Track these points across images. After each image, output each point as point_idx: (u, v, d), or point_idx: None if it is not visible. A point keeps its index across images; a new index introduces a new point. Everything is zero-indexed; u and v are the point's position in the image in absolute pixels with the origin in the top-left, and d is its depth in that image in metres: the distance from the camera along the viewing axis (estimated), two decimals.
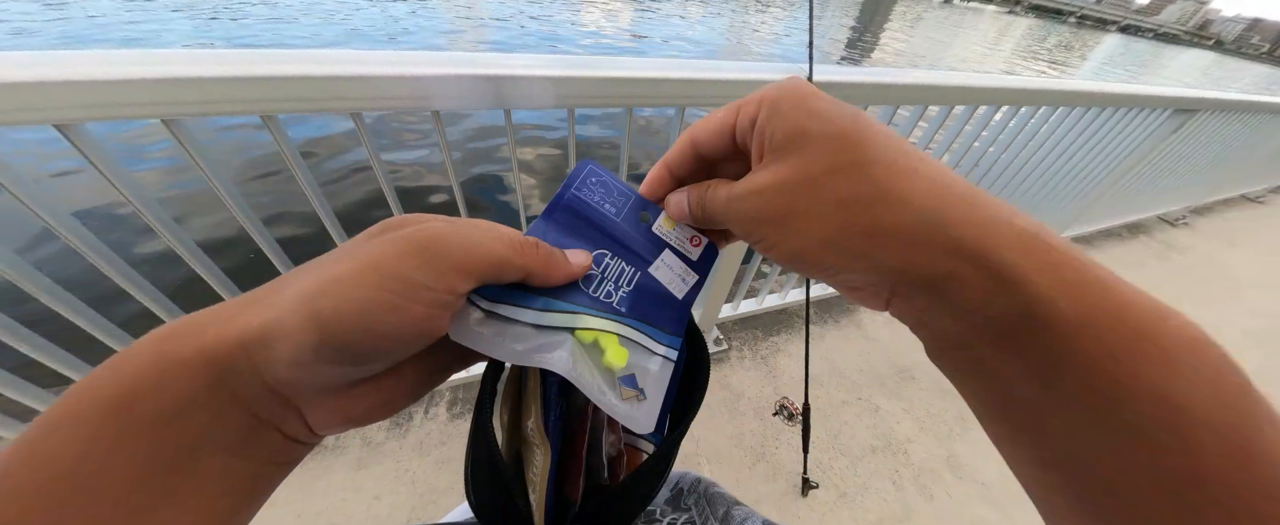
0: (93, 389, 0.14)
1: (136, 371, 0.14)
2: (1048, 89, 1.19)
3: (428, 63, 0.55)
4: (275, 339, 0.15)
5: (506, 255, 0.18)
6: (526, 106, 0.61)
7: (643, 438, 0.26)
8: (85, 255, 0.58)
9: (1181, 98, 1.55)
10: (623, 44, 7.79)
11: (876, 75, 0.88)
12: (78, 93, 0.44)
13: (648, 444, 0.26)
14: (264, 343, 0.15)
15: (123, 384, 0.14)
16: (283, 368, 0.15)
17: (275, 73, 0.49)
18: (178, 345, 0.15)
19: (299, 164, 0.62)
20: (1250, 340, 1.90)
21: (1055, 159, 1.50)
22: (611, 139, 3.43)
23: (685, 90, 0.69)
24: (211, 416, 0.15)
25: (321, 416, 0.17)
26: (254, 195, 2.28)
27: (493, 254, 0.18)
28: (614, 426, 0.26)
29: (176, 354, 0.15)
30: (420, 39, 6.11)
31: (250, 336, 0.15)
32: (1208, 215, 3.09)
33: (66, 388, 0.15)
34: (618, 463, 0.25)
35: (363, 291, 0.15)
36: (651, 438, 0.25)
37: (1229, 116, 1.95)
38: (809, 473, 1.09)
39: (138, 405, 0.14)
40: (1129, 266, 2.30)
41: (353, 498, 0.95)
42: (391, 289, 0.16)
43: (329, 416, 0.18)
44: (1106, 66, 27.63)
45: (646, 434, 0.23)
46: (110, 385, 0.14)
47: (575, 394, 0.24)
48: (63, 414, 0.14)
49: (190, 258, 0.65)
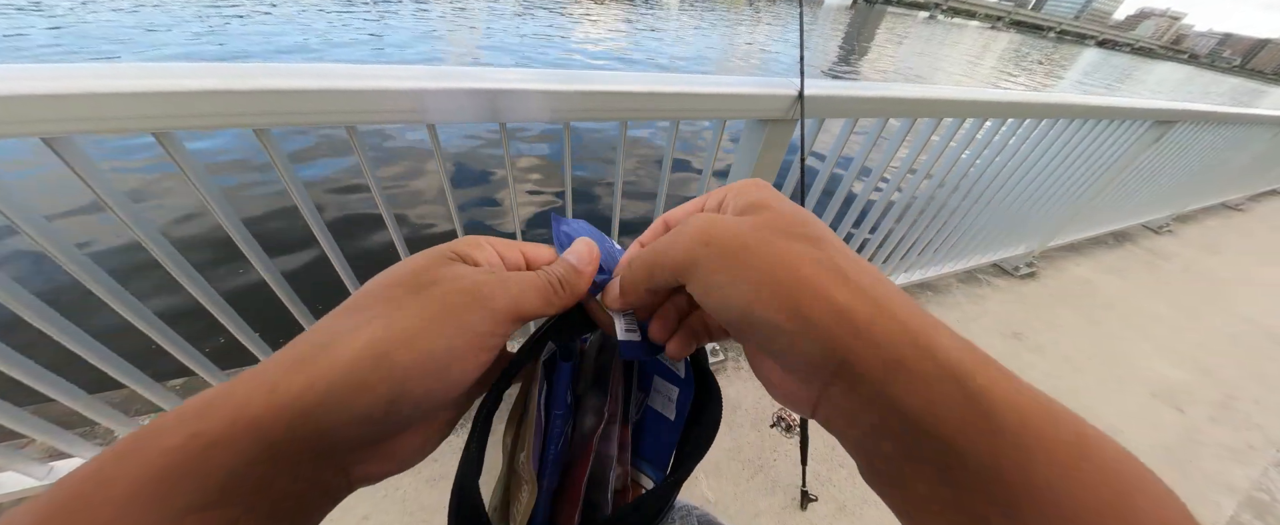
0: (119, 472, 0.13)
1: (166, 451, 0.13)
2: (1032, 102, 1.22)
3: (423, 77, 0.55)
4: (346, 397, 0.15)
5: (540, 307, 0.20)
6: (521, 120, 0.62)
7: (647, 474, 0.26)
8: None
9: (1161, 109, 1.59)
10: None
11: (866, 89, 0.90)
12: (68, 106, 0.44)
13: (649, 481, 0.26)
14: (329, 406, 0.15)
15: (148, 464, 0.13)
16: (349, 425, 0.15)
17: (272, 86, 0.49)
18: (216, 422, 0.14)
19: (295, 184, 0.61)
20: (1237, 345, 1.93)
21: (1041, 169, 1.54)
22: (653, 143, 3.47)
23: (679, 104, 0.70)
24: (254, 488, 0.14)
25: (367, 468, 0.17)
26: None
27: (531, 305, 0.20)
28: (622, 458, 0.25)
29: (216, 431, 0.14)
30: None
31: (311, 400, 0.15)
32: (1190, 223, 3.16)
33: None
34: (623, 496, 0.25)
35: (438, 342, 0.16)
36: (653, 474, 0.26)
37: (1206, 127, 2.01)
38: (808, 485, 1.08)
39: (175, 497, 0.13)
40: (1118, 273, 2.34)
41: (341, 517, 0.92)
42: (463, 339, 0.17)
43: (376, 466, 0.17)
44: (1087, 79, 28.46)
45: (648, 469, 0.24)
46: (139, 468, 0.13)
47: (584, 418, 0.24)
48: (84, 497, 0.12)
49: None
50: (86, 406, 0.72)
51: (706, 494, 1.07)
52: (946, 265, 1.80)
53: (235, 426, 0.14)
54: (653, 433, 0.26)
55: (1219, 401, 1.61)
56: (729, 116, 0.78)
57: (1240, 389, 1.68)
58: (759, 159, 0.87)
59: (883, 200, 1.29)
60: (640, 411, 0.26)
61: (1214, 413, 1.55)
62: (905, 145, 1.14)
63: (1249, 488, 1.31)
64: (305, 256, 2.03)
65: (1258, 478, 1.34)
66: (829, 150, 1.06)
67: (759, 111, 0.79)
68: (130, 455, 0.13)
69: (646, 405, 0.26)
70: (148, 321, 0.67)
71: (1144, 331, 1.92)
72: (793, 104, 0.79)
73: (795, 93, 0.78)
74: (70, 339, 0.63)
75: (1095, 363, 1.69)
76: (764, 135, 0.84)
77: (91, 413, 0.73)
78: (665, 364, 0.26)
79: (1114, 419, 1.47)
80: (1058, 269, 2.26)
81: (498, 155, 0.73)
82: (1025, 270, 2.11)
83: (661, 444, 0.25)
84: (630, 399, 0.26)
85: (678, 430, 0.25)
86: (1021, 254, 2.08)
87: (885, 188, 1.27)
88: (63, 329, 0.61)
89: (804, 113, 0.80)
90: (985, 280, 2.04)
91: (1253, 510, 1.24)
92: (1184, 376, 1.70)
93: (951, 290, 1.94)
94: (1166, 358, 1.78)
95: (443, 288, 0.18)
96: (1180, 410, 1.54)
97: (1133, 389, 1.60)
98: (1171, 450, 1.39)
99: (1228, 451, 1.42)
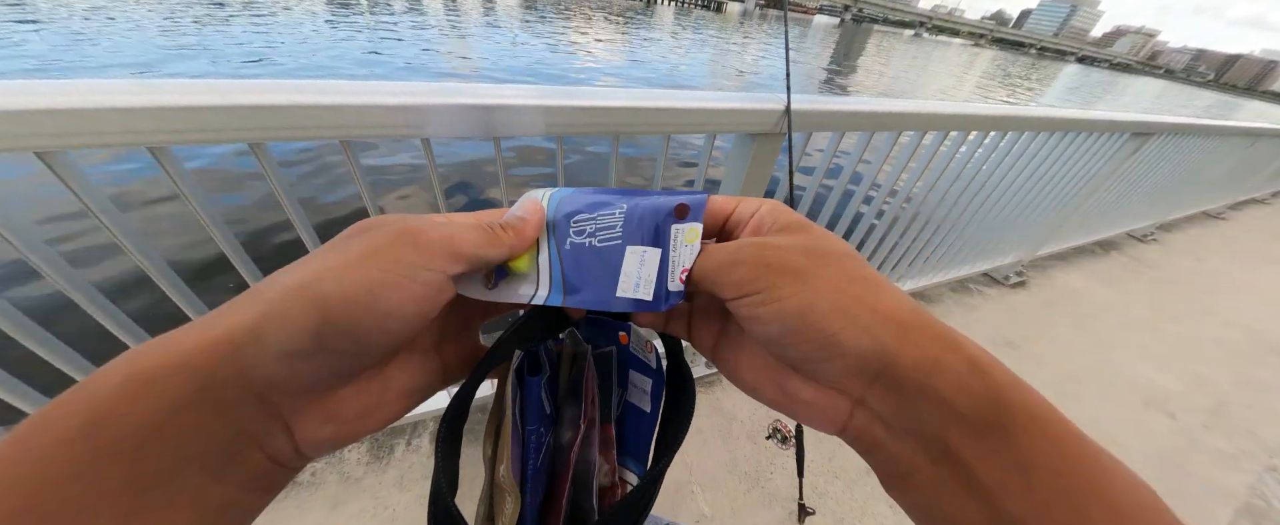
0: (58, 415, 0.13)
1: (107, 392, 0.13)
2: (1015, 115, 1.25)
3: (420, 92, 0.56)
4: (271, 329, 0.15)
5: (481, 244, 0.20)
6: (516, 135, 0.63)
7: (631, 469, 0.26)
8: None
9: (1138, 122, 1.65)
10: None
11: (852, 104, 0.93)
12: (62, 121, 0.44)
13: (634, 477, 0.26)
14: (256, 336, 0.15)
15: (93, 406, 0.13)
16: (277, 360, 0.15)
17: (272, 102, 0.50)
18: (151, 359, 0.14)
19: (290, 200, 0.62)
20: (1226, 351, 1.95)
21: (1026, 180, 1.57)
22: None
23: (671, 119, 0.72)
24: (191, 432, 0.14)
25: (309, 425, 0.17)
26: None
27: (469, 242, 0.20)
28: (608, 455, 0.25)
29: (150, 367, 0.14)
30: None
31: (240, 332, 0.15)
32: (1174, 231, 3.23)
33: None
34: (610, 493, 0.25)
35: (364, 272, 0.17)
36: (636, 469, 0.26)
37: (1183, 139, 2.08)
38: (805, 498, 1.06)
39: (106, 429, 0.13)
40: (1107, 281, 2.37)
41: None
42: (391, 270, 0.17)
43: (317, 425, 0.17)
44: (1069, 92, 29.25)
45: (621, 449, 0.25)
46: (80, 407, 0.13)
47: (563, 431, 0.24)
48: (17, 443, 0.12)
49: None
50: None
51: (703, 509, 1.05)
52: (937, 275, 1.83)
53: (167, 364, 0.14)
54: (633, 427, 0.26)
55: (1211, 408, 1.62)
56: (717, 131, 0.80)
57: (1231, 395, 1.70)
58: (748, 172, 0.89)
59: (871, 212, 1.32)
60: (621, 408, 0.27)
61: (1206, 419, 1.56)
62: (891, 158, 1.16)
63: (1245, 494, 1.31)
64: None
65: (1253, 483, 1.34)
66: (817, 163, 1.08)
67: (747, 126, 0.81)
68: (69, 400, 0.13)
69: (626, 401, 0.26)
70: (130, 332, 0.66)
71: (1133, 339, 1.94)
72: (780, 118, 0.81)
73: (782, 107, 0.80)
74: (49, 350, 0.62)
75: (1088, 370, 1.70)
76: (752, 149, 0.86)
77: None
78: (637, 356, 0.26)
79: (1109, 427, 1.47)
80: (1047, 278, 2.29)
81: (492, 171, 0.74)
82: (1015, 279, 2.14)
83: (642, 437, 0.26)
84: (611, 397, 0.26)
85: (655, 422, 0.25)
86: (1011, 263, 2.10)
87: (874, 199, 1.29)
88: (43, 341, 0.60)
89: (791, 127, 0.82)
90: (976, 289, 2.06)
91: (1250, 517, 1.24)
92: (1175, 383, 1.71)
93: (943, 299, 1.96)
94: (1157, 365, 1.80)
95: (377, 231, 0.19)
96: (1172, 417, 1.55)
97: (1125, 396, 1.61)
98: (1166, 457, 1.39)
99: (1222, 458, 1.42)
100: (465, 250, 0.20)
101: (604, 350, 0.26)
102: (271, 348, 0.15)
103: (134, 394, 0.13)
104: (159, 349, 0.14)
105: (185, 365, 0.14)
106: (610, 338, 0.26)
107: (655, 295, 0.21)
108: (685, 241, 0.21)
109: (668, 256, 0.21)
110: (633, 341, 0.26)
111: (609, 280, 0.21)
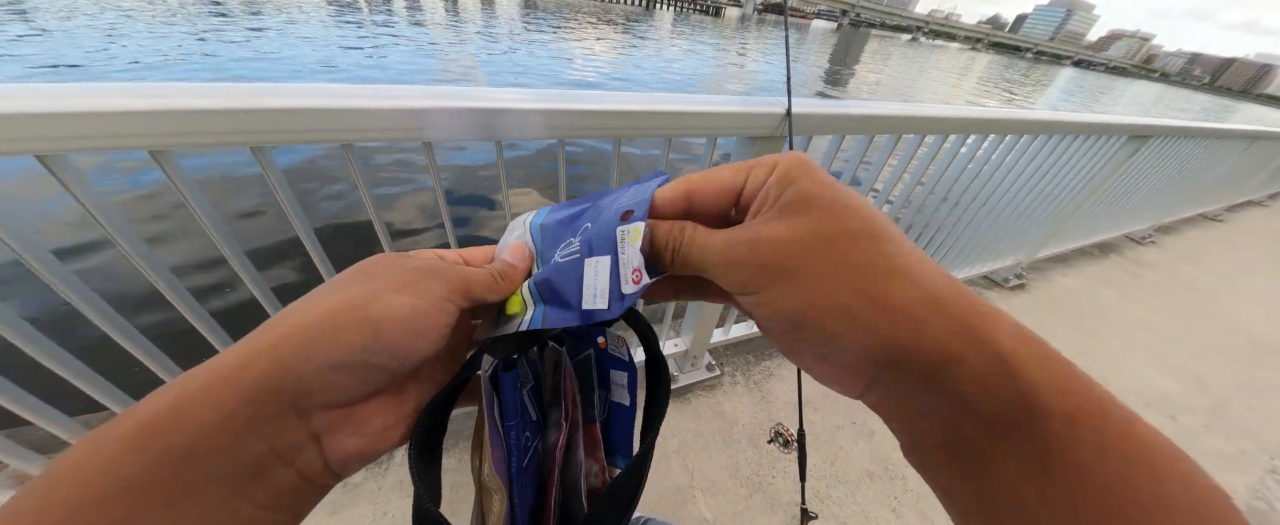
0: (118, 423, 0.14)
1: (159, 405, 0.15)
2: (1013, 118, 1.26)
3: (420, 96, 0.57)
4: (320, 343, 0.16)
5: (488, 289, 0.23)
6: (516, 138, 0.63)
7: (619, 466, 0.26)
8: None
9: (1135, 125, 1.65)
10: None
11: (852, 106, 0.93)
12: (65, 125, 0.44)
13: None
14: (304, 351, 0.16)
15: (150, 415, 0.14)
16: (323, 372, 0.16)
17: (271, 106, 0.50)
18: (199, 379, 0.15)
19: (289, 198, 0.62)
20: (1225, 353, 1.96)
21: (1024, 183, 1.58)
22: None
23: (672, 122, 0.72)
24: (226, 446, 0.15)
25: (339, 437, 0.18)
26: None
27: (479, 285, 0.23)
28: (597, 457, 0.26)
29: (197, 385, 0.15)
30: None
31: (287, 349, 0.16)
32: (1172, 233, 3.24)
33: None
34: (599, 493, 0.25)
35: (408, 298, 0.19)
36: (620, 461, 0.26)
37: (1180, 142, 2.09)
38: (807, 503, 1.06)
39: (156, 441, 0.14)
40: (1106, 283, 2.38)
41: None
42: (426, 298, 0.20)
43: (346, 436, 0.18)
44: (1066, 96, 29.44)
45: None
46: (146, 414, 0.14)
47: (549, 434, 0.24)
48: (94, 443, 0.14)
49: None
50: (67, 430, 0.70)
51: (705, 514, 1.05)
52: None
53: (220, 380, 0.15)
54: (618, 425, 0.26)
55: (1211, 409, 1.62)
56: (719, 134, 0.80)
57: (1231, 396, 1.70)
58: None
59: None
60: (606, 409, 0.27)
61: (1207, 420, 1.56)
62: (891, 161, 1.17)
63: (1246, 495, 1.30)
64: (299, 276, 2.01)
65: (1253, 485, 1.34)
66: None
67: (748, 129, 0.81)
68: (118, 423, 0.14)
69: (610, 400, 0.27)
70: (134, 341, 0.66)
71: (1133, 341, 1.94)
72: (781, 121, 0.81)
73: (783, 110, 0.80)
74: (53, 359, 0.61)
75: (1087, 372, 1.70)
76: (753, 153, 0.86)
77: (71, 437, 0.71)
78: (616, 356, 0.26)
79: None
80: (1046, 280, 2.29)
81: (494, 176, 0.73)
82: (1014, 282, 2.14)
83: (626, 433, 0.26)
84: (594, 397, 0.26)
85: (635, 414, 0.26)
86: (1010, 266, 2.11)
87: (874, 202, 1.29)
88: (46, 349, 0.60)
89: (792, 130, 0.82)
90: (976, 292, 2.07)
91: (1253, 519, 1.24)
92: (1175, 384, 1.71)
93: None
94: (1157, 366, 1.80)
95: (402, 266, 0.21)
96: (1173, 419, 1.55)
97: (1125, 398, 1.51)
98: None
99: (1223, 459, 1.42)
100: (475, 291, 0.22)
101: (583, 356, 0.26)
102: (321, 360, 0.16)
103: (181, 409, 0.15)
104: (207, 369, 0.16)
105: (233, 382, 0.15)
106: (589, 344, 0.26)
107: (609, 302, 0.20)
108: (630, 241, 0.21)
109: (618, 261, 0.21)
110: (610, 344, 0.27)
111: (577, 296, 0.21)
